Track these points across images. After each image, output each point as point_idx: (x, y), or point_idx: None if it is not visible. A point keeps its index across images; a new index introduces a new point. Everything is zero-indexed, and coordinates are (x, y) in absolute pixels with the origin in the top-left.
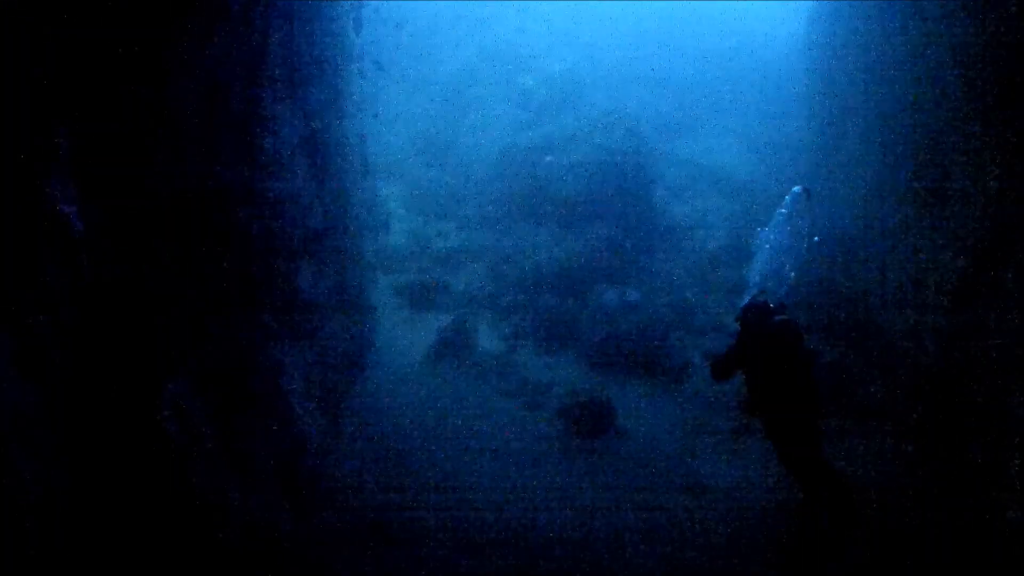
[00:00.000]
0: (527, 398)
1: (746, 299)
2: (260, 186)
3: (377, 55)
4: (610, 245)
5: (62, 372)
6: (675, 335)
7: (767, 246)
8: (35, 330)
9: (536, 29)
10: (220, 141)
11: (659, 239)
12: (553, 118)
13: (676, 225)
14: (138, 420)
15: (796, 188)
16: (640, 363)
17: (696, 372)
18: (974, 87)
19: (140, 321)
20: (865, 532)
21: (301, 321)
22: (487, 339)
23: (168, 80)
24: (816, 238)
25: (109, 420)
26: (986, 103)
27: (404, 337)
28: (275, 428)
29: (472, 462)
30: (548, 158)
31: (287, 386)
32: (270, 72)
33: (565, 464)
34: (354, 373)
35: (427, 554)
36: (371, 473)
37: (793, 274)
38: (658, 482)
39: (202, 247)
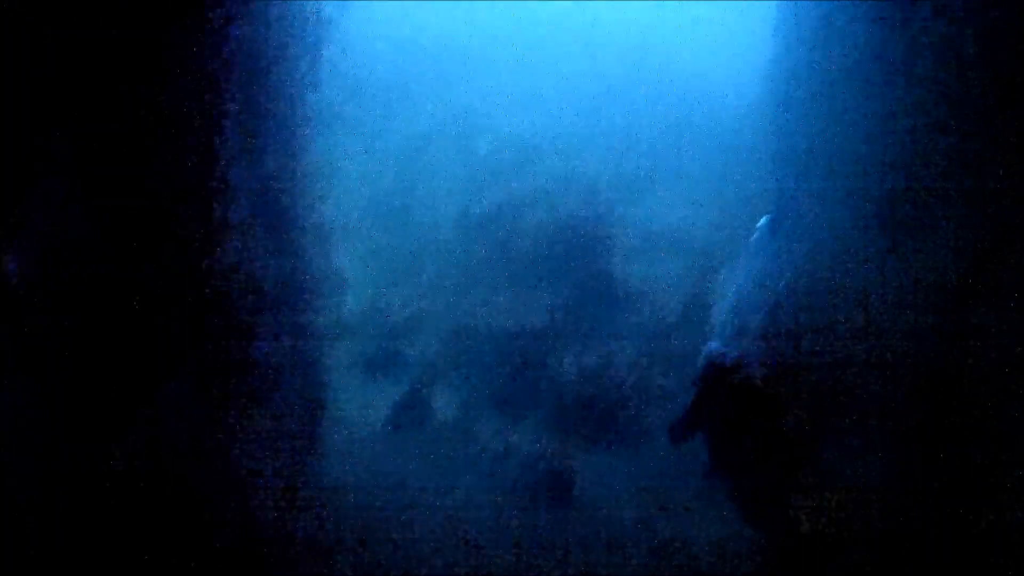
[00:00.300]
0: (486, 466)
1: (706, 352)
2: (213, 246)
3: (333, 118)
4: (569, 310)
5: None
6: (635, 400)
7: (730, 294)
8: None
9: (493, 92)
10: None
11: (618, 303)
12: (510, 182)
13: (635, 289)
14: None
15: (763, 220)
16: (600, 429)
17: (657, 437)
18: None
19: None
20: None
21: (255, 387)
22: (444, 407)
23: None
24: (783, 283)
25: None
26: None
27: (360, 406)
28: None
29: (432, 527)
30: (506, 222)
31: (244, 454)
32: (226, 131)
33: (526, 533)
34: (310, 443)
35: None
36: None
37: (759, 317)
38: (623, 546)
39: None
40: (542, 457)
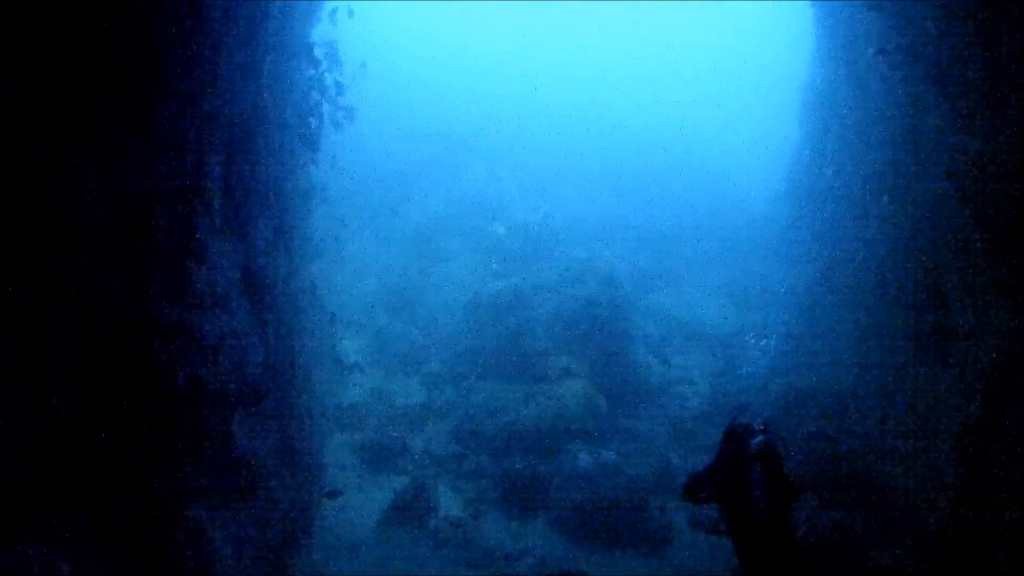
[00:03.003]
0: (492, 571)
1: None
2: (190, 325)
3: (340, 200)
4: (584, 402)
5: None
6: (656, 499)
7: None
8: None
9: (507, 178)
10: (137, 269)
11: (637, 395)
12: (524, 268)
13: (655, 381)
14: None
15: None
16: (618, 530)
17: (679, 538)
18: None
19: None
20: None
21: (235, 479)
22: (449, 503)
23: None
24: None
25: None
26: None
27: (358, 500)
28: None
29: None
30: (518, 310)
31: (216, 554)
32: (206, 198)
33: None
34: (299, 539)
35: None
36: None
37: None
38: None
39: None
40: (555, 561)
